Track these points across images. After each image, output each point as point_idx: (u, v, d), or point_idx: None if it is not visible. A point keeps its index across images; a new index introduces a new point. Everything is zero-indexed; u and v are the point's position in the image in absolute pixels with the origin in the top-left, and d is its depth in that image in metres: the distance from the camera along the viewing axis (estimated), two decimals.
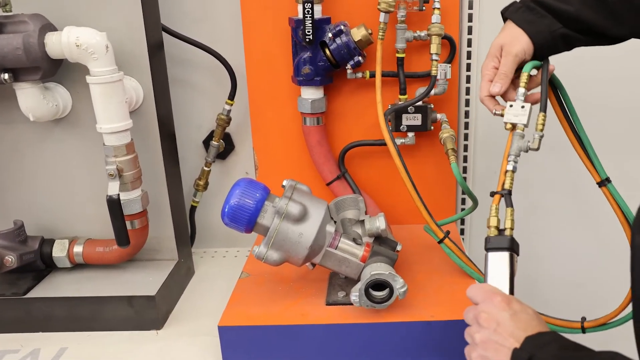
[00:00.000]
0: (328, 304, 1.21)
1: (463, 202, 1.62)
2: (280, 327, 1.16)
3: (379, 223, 1.21)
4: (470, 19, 1.47)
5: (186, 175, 1.55)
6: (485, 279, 0.95)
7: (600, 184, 1.17)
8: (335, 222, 1.21)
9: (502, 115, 1.06)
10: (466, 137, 1.58)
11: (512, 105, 1.05)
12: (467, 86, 1.52)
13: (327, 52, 1.37)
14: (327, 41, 1.36)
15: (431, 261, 1.36)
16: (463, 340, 0.89)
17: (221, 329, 1.15)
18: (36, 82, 1.23)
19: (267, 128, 1.53)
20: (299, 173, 1.52)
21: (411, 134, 1.46)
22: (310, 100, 1.43)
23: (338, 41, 1.36)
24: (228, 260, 1.64)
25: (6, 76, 1.18)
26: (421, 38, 1.38)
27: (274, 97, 1.50)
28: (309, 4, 1.31)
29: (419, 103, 1.41)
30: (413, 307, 1.17)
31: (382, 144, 1.36)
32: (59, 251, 1.37)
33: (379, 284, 1.12)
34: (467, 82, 1.52)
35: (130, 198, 1.28)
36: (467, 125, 1.57)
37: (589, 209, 1.66)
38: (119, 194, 1.24)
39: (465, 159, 1.60)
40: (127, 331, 1.30)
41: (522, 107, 1.04)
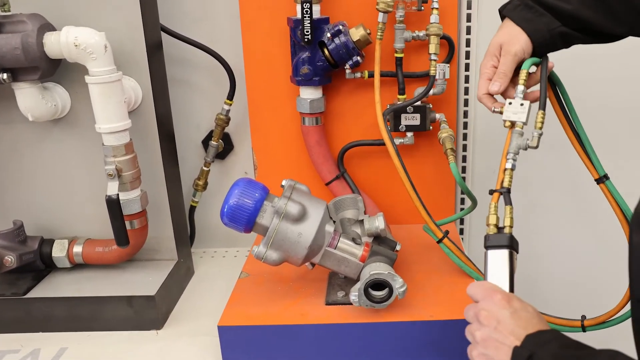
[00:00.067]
0: (327, 304, 1.21)
1: (462, 202, 1.62)
2: (279, 327, 1.15)
3: (378, 223, 1.21)
4: (468, 19, 1.47)
5: (185, 175, 1.55)
6: (485, 277, 0.95)
7: (598, 181, 1.17)
8: (334, 222, 1.21)
9: (501, 112, 1.05)
10: (465, 137, 1.58)
11: (511, 102, 1.04)
12: (466, 86, 1.52)
13: (326, 52, 1.37)
14: (326, 41, 1.36)
15: (430, 261, 1.36)
16: (462, 340, 0.89)
17: (221, 329, 1.15)
18: (35, 82, 1.23)
19: (266, 128, 1.53)
20: (298, 173, 1.53)
21: (410, 134, 1.46)
22: (309, 100, 1.43)
23: (337, 41, 1.36)
24: (227, 260, 1.65)
25: (5, 76, 1.18)
26: (420, 38, 1.38)
27: (273, 97, 1.50)
28: (308, 4, 1.31)
29: (418, 103, 1.41)
30: (412, 307, 1.17)
31: (381, 144, 1.36)
32: (59, 251, 1.37)
33: (378, 284, 1.12)
34: (466, 82, 1.52)
35: (129, 198, 1.28)
36: (466, 125, 1.57)
37: (588, 207, 1.66)
38: (118, 194, 1.24)
39: (464, 159, 1.60)
40: (127, 331, 1.30)
41: (521, 105, 1.03)
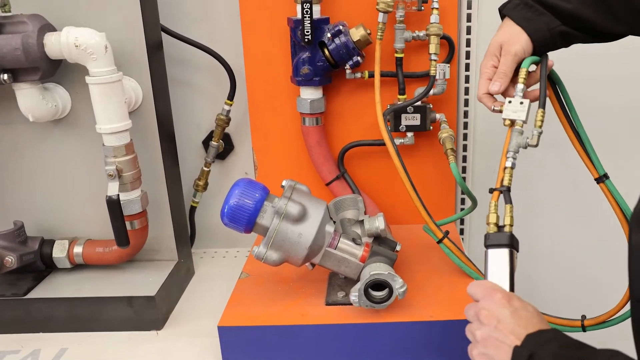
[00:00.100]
0: (328, 304, 1.21)
1: (462, 202, 1.62)
2: (279, 328, 1.15)
3: (378, 223, 1.21)
4: (469, 19, 1.47)
5: (186, 175, 1.55)
6: (485, 276, 0.95)
7: (598, 180, 1.17)
8: (334, 222, 1.21)
9: (501, 111, 1.05)
10: (465, 137, 1.58)
11: (511, 101, 1.04)
12: (466, 86, 1.52)
13: (326, 52, 1.37)
14: (326, 41, 1.36)
15: (430, 261, 1.36)
16: (463, 340, 0.89)
17: (221, 329, 1.15)
18: (35, 83, 1.23)
19: (267, 128, 1.53)
20: (298, 173, 1.53)
21: (410, 134, 1.46)
22: (309, 100, 1.43)
23: (337, 41, 1.36)
24: (228, 260, 1.64)
25: (5, 77, 1.18)
26: (420, 38, 1.38)
27: (273, 98, 1.50)
28: (308, 4, 1.31)
29: (418, 103, 1.41)
30: (412, 307, 1.17)
31: (381, 144, 1.36)
32: (59, 252, 1.37)
33: (379, 284, 1.12)
34: (466, 82, 1.52)
35: (129, 198, 1.28)
36: (466, 125, 1.57)
37: (588, 207, 1.66)
38: (119, 195, 1.24)
39: (464, 159, 1.60)
40: (127, 331, 1.30)
41: (521, 103, 1.03)
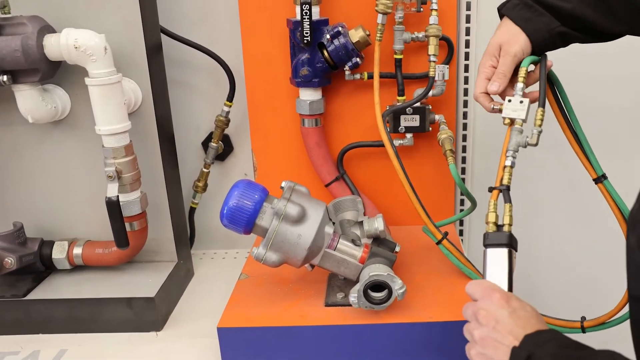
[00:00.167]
0: (327, 305, 1.21)
1: (462, 203, 1.62)
2: (279, 329, 1.15)
3: (378, 224, 1.21)
4: (467, 20, 1.47)
5: (185, 176, 1.55)
6: (484, 276, 0.95)
7: (596, 181, 1.17)
8: (333, 224, 1.21)
9: (501, 110, 1.05)
10: (464, 138, 1.58)
11: (511, 100, 1.04)
12: (465, 87, 1.53)
13: (325, 54, 1.37)
14: (325, 42, 1.37)
15: (430, 262, 1.36)
16: (462, 341, 0.89)
17: (220, 331, 1.15)
18: (35, 84, 1.23)
19: (266, 129, 1.53)
20: (298, 174, 1.53)
21: (409, 135, 1.46)
22: (308, 101, 1.43)
23: (336, 42, 1.36)
24: (227, 261, 1.64)
25: (5, 78, 1.18)
26: (419, 39, 1.39)
27: (273, 99, 1.50)
28: (307, 6, 1.31)
29: (417, 104, 1.41)
30: (412, 308, 1.17)
31: (381, 145, 1.36)
32: (59, 253, 1.37)
33: (378, 285, 1.12)
34: (465, 83, 1.52)
35: (129, 200, 1.28)
36: (466, 126, 1.57)
37: (586, 207, 1.66)
38: (118, 196, 1.24)
39: (463, 160, 1.60)
40: (127, 333, 1.29)
41: (521, 102, 1.03)
